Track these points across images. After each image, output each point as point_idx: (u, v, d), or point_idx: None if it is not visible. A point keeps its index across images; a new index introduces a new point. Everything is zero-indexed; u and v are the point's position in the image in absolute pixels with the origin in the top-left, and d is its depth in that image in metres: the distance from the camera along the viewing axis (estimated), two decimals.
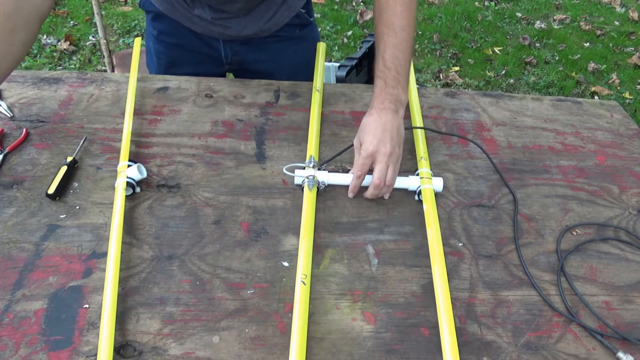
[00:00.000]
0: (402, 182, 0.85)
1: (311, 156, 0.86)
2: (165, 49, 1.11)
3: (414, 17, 0.85)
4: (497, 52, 2.92)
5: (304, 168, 0.85)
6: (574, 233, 0.83)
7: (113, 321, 0.62)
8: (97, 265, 0.71)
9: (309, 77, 1.09)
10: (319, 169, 0.85)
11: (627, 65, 2.91)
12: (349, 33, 2.90)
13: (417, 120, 0.97)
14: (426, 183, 0.83)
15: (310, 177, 0.82)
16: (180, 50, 1.10)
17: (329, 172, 0.85)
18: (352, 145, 0.86)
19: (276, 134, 0.94)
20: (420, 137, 0.92)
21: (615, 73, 2.83)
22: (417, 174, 0.86)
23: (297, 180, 0.83)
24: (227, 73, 1.20)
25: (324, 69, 1.11)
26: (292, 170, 0.84)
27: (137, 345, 0.63)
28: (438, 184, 0.84)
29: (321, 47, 1.12)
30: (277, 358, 0.63)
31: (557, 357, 0.66)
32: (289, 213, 0.80)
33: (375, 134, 0.80)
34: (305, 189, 0.81)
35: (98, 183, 0.82)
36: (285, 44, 1.11)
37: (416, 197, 0.84)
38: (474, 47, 2.92)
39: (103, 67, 2.40)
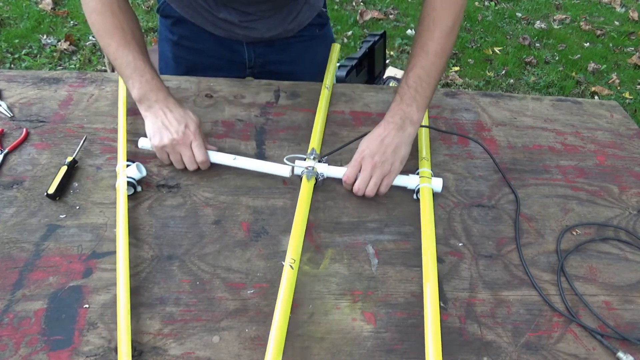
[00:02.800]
0: (401, 180, 0.85)
1: (313, 148, 0.87)
2: (186, 54, 1.10)
3: (451, 45, 0.85)
4: (497, 52, 2.92)
5: (304, 159, 0.85)
6: (574, 233, 0.83)
7: (128, 319, 0.63)
8: (97, 265, 0.71)
9: None
10: (319, 162, 0.85)
11: (627, 65, 2.91)
12: (349, 33, 2.90)
13: None
14: (424, 182, 0.83)
15: (309, 168, 0.82)
16: (202, 56, 1.09)
17: (328, 165, 0.85)
18: (354, 140, 0.88)
19: (276, 134, 0.94)
20: (423, 137, 0.92)
21: (615, 73, 2.83)
22: (417, 174, 0.86)
23: (297, 171, 0.84)
24: (247, 77, 1.20)
25: (335, 68, 1.12)
26: (292, 160, 0.85)
27: (137, 345, 0.63)
28: (437, 184, 0.84)
29: (335, 47, 1.14)
30: None
31: (557, 357, 0.66)
32: (289, 213, 0.80)
33: (371, 143, 0.83)
34: (304, 180, 0.81)
35: (98, 183, 0.82)
36: (307, 44, 1.12)
37: (414, 196, 0.84)
38: (474, 47, 2.92)
39: (103, 67, 2.40)
